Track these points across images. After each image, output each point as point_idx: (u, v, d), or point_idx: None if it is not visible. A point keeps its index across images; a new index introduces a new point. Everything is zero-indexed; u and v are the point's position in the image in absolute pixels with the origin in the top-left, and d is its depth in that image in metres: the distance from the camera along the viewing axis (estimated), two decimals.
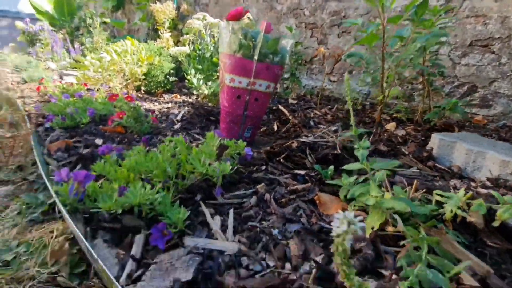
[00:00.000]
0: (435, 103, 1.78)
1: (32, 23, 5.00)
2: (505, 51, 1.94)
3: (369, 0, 1.09)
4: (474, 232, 0.61)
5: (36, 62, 3.46)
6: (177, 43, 3.09)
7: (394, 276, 0.49)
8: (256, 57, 1.03)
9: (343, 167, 0.66)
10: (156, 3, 3.04)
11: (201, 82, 2.23)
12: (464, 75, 2.11)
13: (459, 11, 2.06)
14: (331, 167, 0.87)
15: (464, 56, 2.08)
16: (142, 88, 2.22)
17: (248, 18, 1.26)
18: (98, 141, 1.06)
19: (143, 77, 2.07)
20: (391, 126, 1.59)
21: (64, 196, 0.62)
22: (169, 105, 1.81)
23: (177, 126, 1.28)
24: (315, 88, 2.87)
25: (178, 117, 1.38)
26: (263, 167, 0.92)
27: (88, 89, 2.07)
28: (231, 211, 0.66)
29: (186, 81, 2.28)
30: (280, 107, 1.55)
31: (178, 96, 2.24)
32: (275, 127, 1.47)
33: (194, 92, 2.25)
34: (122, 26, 4.70)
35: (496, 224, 0.57)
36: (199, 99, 1.79)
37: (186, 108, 1.67)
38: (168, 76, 2.46)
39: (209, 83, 2.30)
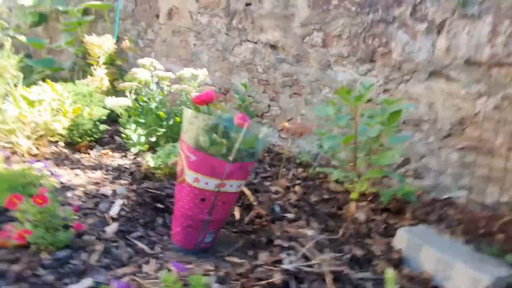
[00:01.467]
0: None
1: None
2: (432, 131, 2.23)
3: (346, 99, 1.05)
4: None
5: None
6: (113, 81, 2.69)
7: None
8: (232, 158, 0.84)
9: None
10: (95, 30, 2.63)
11: (142, 138, 1.90)
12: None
13: (394, 92, 2.34)
14: None
15: (399, 132, 2.33)
16: (61, 142, 1.75)
17: (221, 100, 1.09)
18: None
19: (64, 131, 1.63)
20: (352, 208, 1.55)
21: None
22: (98, 173, 1.42)
23: (110, 228, 0.95)
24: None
25: (113, 211, 1.03)
26: None
27: None
28: None
29: (123, 135, 1.91)
30: (243, 188, 1.36)
31: (110, 154, 1.84)
32: (237, 215, 1.26)
33: (132, 150, 1.89)
34: (42, 47, 3.97)
35: None
36: (141, 168, 1.46)
37: (125, 184, 1.31)
38: (97, 123, 2.03)
39: (152, 138, 1.98)
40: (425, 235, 1.20)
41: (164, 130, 1.97)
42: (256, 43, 2.99)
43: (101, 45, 2.54)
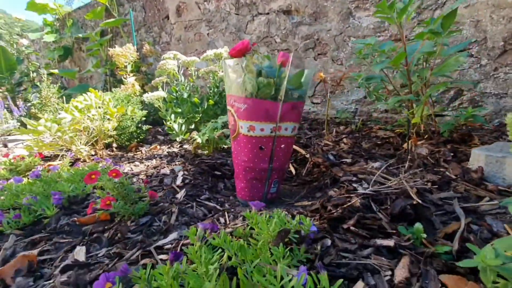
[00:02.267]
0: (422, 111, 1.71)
1: None
2: (483, 53, 2.00)
3: (388, 18, 0.97)
4: None
5: None
6: (143, 86, 2.81)
7: None
8: (282, 97, 0.82)
9: (461, 264, 0.45)
10: (114, 47, 2.76)
11: (183, 127, 1.96)
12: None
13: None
14: (419, 227, 0.66)
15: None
16: (114, 144, 1.87)
17: (255, 51, 1.07)
18: (80, 254, 0.72)
19: (114, 132, 1.74)
20: (414, 138, 1.46)
21: None
22: (154, 162, 1.50)
23: (180, 194, 0.99)
24: None
25: (178, 181, 1.08)
26: (328, 242, 0.67)
27: (45, 159, 1.68)
28: None
29: (166, 128, 1.99)
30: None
31: (158, 147, 1.93)
32: (292, 170, 1.24)
33: (177, 139, 1.96)
34: (74, 75, 4.28)
35: None
36: (190, 148, 1.51)
37: (180, 164, 1.37)
38: (140, 125, 2.14)
39: (191, 126, 2.04)
40: (505, 149, 1.08)
41: (200, 115, 2.02)
42: (268, 13, 2.90)
43: (126, 54, 2.65)
